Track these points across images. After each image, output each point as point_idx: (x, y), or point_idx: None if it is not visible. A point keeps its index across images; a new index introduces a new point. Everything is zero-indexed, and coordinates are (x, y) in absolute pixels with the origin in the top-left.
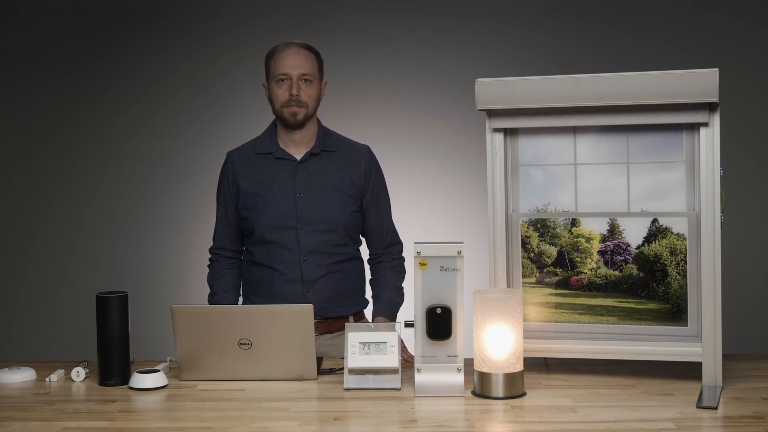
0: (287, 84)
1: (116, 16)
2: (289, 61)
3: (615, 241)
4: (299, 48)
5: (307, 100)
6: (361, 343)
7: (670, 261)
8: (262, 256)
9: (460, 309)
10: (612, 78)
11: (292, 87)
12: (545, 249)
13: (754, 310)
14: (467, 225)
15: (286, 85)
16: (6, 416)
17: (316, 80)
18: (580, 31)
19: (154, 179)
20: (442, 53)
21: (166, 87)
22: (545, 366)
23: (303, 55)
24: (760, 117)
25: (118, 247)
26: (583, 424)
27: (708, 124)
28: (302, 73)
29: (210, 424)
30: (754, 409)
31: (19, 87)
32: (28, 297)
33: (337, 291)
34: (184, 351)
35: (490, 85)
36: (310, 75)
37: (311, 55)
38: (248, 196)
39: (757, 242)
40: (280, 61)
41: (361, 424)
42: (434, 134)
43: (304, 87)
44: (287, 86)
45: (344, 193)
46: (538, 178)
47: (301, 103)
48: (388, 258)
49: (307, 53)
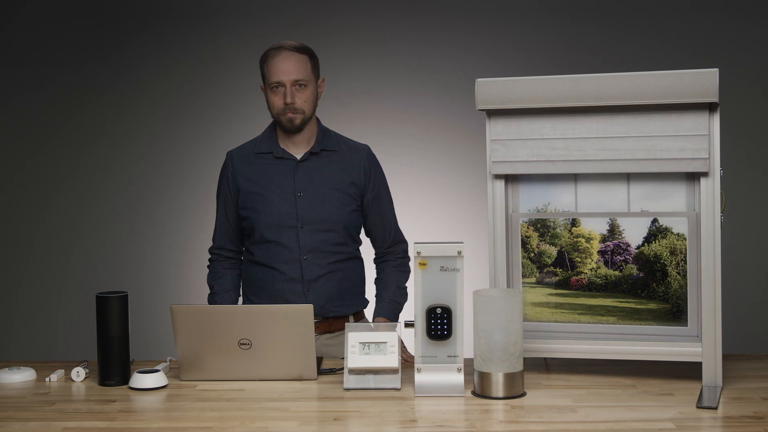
0: (281, 92)
1: (116, 16)
2: (281, 68)
3: (615, 241)
4: (290, 52)
5: (303, 105)
6: (361, 343)
7: (670, 261)
8: (262, 255)
9: (460, 309)
10: (612, 78)
11: (287, 95)
12: (545, 249)
13: (754, 310)
14: (467, 225)
15: (281, 93)
16: (6, 416)
17: (311, 83)
18: (580, 31)
19: (154, 179)
20: (442, 53)
21: (166, 87)
22: (545, 366)
23: (295, 59)
24: (760, 117)
25: (118, 247)
26: (583, 424)
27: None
28: (295, 80)
29: (210, 424)
30: (754, 409)
31: (19, 87)
32: (28, 297)
33: (337, 291)
34: (184, 351)
35: (490, 85)
36: (304, 79)
37: (303, 58)
38: (248, 196)
39: (757, 242)
40: (273, 68)
41: (361, 424)
42: (434, 134)
43: (298, 93)
44: (281, 94)
45: (344, 192)
46: (539, 178)
47: (296, 110)
48: (392, 257)
49: (299, 56)
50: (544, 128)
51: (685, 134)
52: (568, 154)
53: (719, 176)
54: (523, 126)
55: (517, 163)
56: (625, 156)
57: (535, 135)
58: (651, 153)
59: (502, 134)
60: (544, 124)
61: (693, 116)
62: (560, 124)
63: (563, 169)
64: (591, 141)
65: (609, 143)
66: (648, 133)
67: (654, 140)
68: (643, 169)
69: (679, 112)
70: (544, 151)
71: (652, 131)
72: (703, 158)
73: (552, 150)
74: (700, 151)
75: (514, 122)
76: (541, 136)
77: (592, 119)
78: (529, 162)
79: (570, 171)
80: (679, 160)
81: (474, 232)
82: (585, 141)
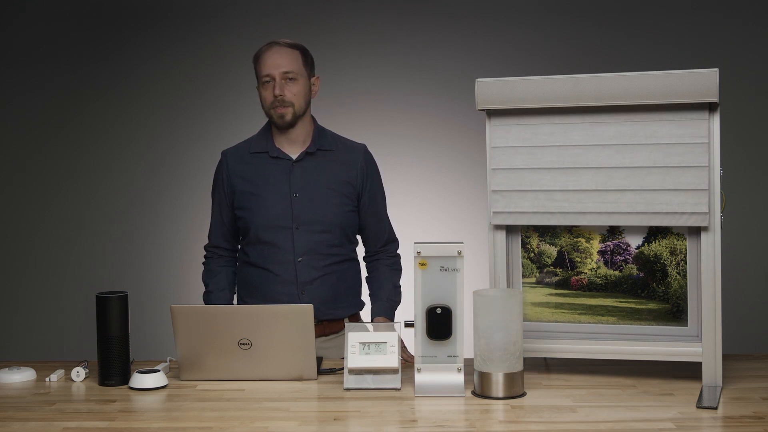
0: (271, 85)
1: (116, 17)
2: (271, 61)
3: (615, 241)
4: (281, 47)
5: (292, 98)
6: (360, 343)
7: (670, 261)
8: (257, 257)
9: (460, 309)
10: (612, 78)
11: (275, 87)
12: (545, 249)
13: (754, 310)
14: (467, 225)
15: (270, 87)
16: (6, 416)
17: (302, 77)
18: (580, 31)
19: (154, 179)
20: (442, 53)
21: (166, 87)
22: (545, 366)
23: (285, 53)
24: (760, 117)
25: (118, 247)
26: (583, 424)
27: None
28: (284, 72)
29: (210, 424)
30: (754, 409)
31: (20, 87)
32: (28, 297)
33: (332, 293)
34: (184, 351)
35: (490, 85)
36: (294, 72)
37: (294, 52)
38: (243, 196)
39: (757, 242)
40: (263, 63)
41: (361, 424)
42: (434, 134)
43: (288, 85)
44: (271, 87)
45: (340, 192)
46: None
47: (285, 102)
48: (385, 256)
49: (289, 50)
50: (544, 180)
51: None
52: (569, 206)
53: (719, 176)
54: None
55: (517, 215)
56: (624, 209)
57: (535, 186)
58: (650, 206)
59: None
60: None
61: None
62: (561, 176)
63: (563, 221)
64: (591, 194)
65: (609, 196)
66: (644, 163)
67: (654, 193)
68: (642, 222)
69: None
70: (544, 203)
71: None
72: (703, 213)
73: (552, 201)
74: (700, 205)
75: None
76: (541, 188)
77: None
78: (529, 213)
79: (569, 223)
80: (679, 214)
81: (474, 232)
82: (585, 194)
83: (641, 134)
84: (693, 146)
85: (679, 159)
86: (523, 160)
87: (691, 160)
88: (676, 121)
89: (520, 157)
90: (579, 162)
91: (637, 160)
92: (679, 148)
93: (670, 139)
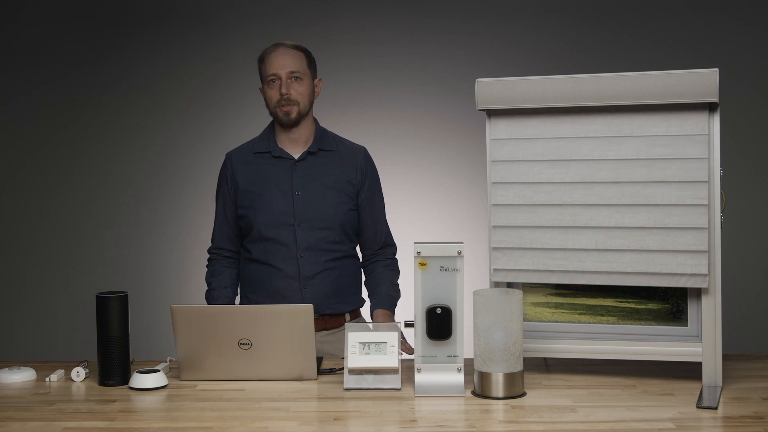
0: (277, 84)
1: (116, 17)
2: (277, 62)
3: None
4: (287, 48)
5: (298, 97)
6: (361, 343)
7: None
8: (260, 253)
9: (460, 309)
10: (612, 78)
11: (282, 86)
12: None
13: (754, 310)
14: (467, 225)
15: (276, 86)
16: (6, 416)
17: (307, 77)
18: (580, 31)
19: (154, 179)
20: (442, 53)
21: (166, 87)
22: (545, 366)
23: (290, 54)
24: (760, 117)
25: (118, 247)
26: (583, 424)
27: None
28: (291, 72)
29: (210, 424)
30: (754, 409)
31: (19, 87)
32: (28, 297)
33: (333, 288)
34: (184, 351)
35: (490, 85)
36: (299, 72)
37: (299, 54)
38: (247, 195)
39: (757, 242)
40: (269, 63)
41: (361, 424)
42: (434, 134)
43: (294, 85)
44: (277, 86)
45: (341, 191)
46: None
47: (291, 101)
48: (382, 258)
49: (294, 52)
50: (544, 238)
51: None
52: (568, 264)
53: (719, 176)
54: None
55: (517, 272)
56: (624, 269)
57: (536, 244)
58: (650, 267)
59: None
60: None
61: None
62: (560, 235)
63: (563, 280)
64: (590, 253)
65: (608, 255)
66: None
67: (653, 254)
68: (641, 282)
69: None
70: (544, 261)
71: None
72: (703, 274)
73: (552, 260)
74: (700, 266)
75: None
76: (541, 246)
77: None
78: (529, 271)
79: (569, 281)
80: (679, 275)
81: (474, 232)
82: (585, 253)
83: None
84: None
85: (678, 219)
86: (524, 217)
87: (691, 221)
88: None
89: (521, 215)
90: (579, 221)
91: (637, 220)
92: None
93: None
